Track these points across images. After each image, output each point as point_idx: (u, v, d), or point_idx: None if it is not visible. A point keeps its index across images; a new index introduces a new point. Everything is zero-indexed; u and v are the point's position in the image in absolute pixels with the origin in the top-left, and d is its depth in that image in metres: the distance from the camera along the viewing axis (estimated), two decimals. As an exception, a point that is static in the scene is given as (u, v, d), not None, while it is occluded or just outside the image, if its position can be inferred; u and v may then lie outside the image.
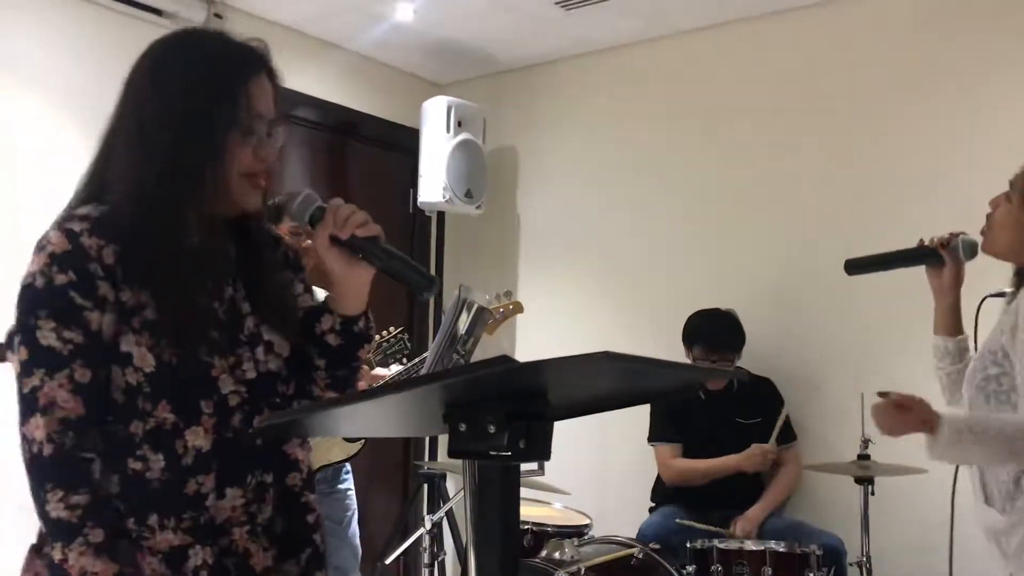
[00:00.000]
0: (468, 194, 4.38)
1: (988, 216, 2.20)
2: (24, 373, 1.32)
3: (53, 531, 1.30)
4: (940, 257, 2.31)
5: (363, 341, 1.56)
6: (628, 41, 4.35)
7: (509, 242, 4.74)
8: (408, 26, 4.22)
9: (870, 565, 3.05)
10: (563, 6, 4.00)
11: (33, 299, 1.33)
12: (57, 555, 1.29)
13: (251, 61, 1.46)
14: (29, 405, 1.31)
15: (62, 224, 1.37)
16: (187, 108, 1.40)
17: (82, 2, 3.55)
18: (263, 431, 1.43)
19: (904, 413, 1.98)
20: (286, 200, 1.52)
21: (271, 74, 1.48)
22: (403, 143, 4.64)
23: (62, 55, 3.51)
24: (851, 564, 3.15)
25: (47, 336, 1.31)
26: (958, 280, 2.32)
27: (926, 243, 2.37)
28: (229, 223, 1.49)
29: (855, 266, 2.47)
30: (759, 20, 4.03)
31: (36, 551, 1.37)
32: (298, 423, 1.28)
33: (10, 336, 1.36)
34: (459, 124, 4.37)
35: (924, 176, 3.58)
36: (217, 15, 3.87)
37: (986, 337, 2.16)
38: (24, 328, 1.33)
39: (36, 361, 1.31)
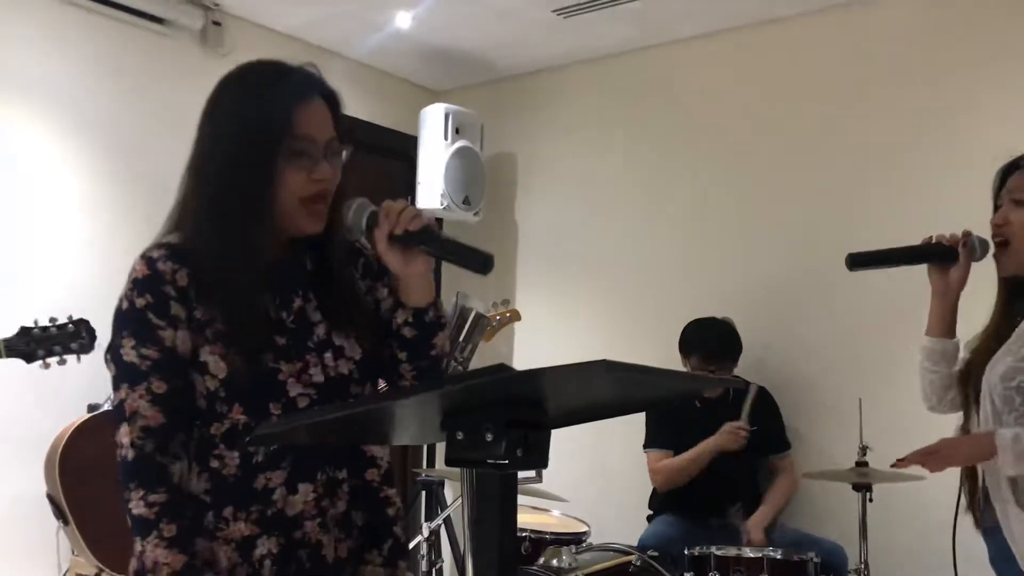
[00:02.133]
0: (466, 201, 4.39)
1: (999, 234, 2.15)
2: (115, 387, 1.48)
3: (134, 526, 1.43)
4: (953, 255, 2.22)
5: (436, 329, 1.65)
6: (625, 49, 4.36)
7: (507, 249, 4.74)
8: (406, 34, 4.23)
9: (868, 572, 3.05)
10: (560, 14, 4.01)
11: (119, 320, 1.49)
12: (137, 547, 1.43)
13: (298, 86, 1.53)
14: (119, 415, 1.46)
15: (146, 253, 1.50)
16: (233, 138, 1.50)
17: (80, 10, 3.56)
18: (259, 440, 1.44)
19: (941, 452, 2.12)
20: (343, 212, 1.57)
21: (328, 96, 1.56)
22: (401, 150, 4.65)
23: (61, 63, 3.52)
24: (850, 571, 3.15)
25: (129, 353, 1.46)
26: (965, 280, 2.24)
27: (933, 241, 2.27)
28: (304, 238, 1.58)
29: (858, 261, 2.30)
30: (755, 28, 4.05)
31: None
32: (296, 431, 1.28)
33: (106, 353, 1.52)
34: (457, 131, 4.37)
35: (922, 183, 3.59)
36: (216, 23, 3.88)
37: (1013, 343, 2.10)
38: (113, 347, 1.49)
39: (122, 376, 1.47)
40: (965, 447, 2.16)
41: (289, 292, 1.57)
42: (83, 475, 2.76)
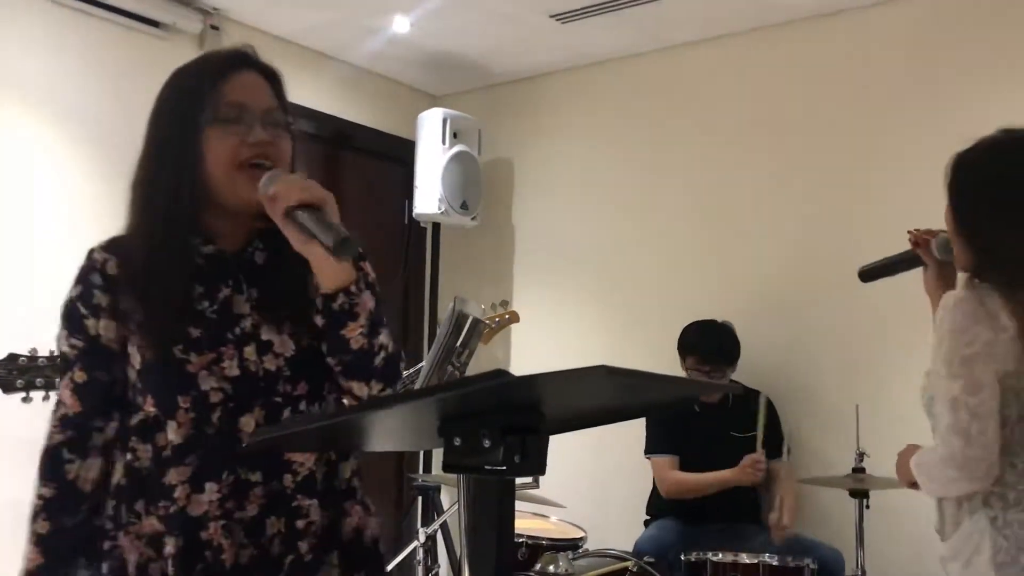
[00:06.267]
0: (463, 205, 4.39)
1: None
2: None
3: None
4: (918, 258, 2.23)
5: (346, 319, 1.46)
6: (622, 54, 4.37)
7: (504, 253, 4.75)
8: (404, 38, 4.23)
9: (865, 578, 3.05)
10: (558, 19, 4.02)
11: (61, 312, 1.53)
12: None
13: (226, 61, 1.53)
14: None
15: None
16: (159, 119, 1.54)
17: (79, 15, 3.55)
18: (255, 443, 1.42)
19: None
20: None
21: (262, 70, 1.54)
22: (399, 154, 4.65)
23: (59, 66, 3.51)
24: (847, 577, 3.16)
25: (63, 344, 1.52)
26: (943, 280, 2.19)
27: None
28: (256, 225, 1.52)
29: (868, 274, 2.36)
30: (751, 33, 4.05)
31: None
32: (291, 436, 1.27)
33: None
34: (455, 136, 4.38)
35: (921, 186, 3.55)
36: (213, 27, 3.88)
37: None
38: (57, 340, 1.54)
39: (61, 366, 1.53)
40: (899, 468, 2.06)
41: (217, 281, 1.50)
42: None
